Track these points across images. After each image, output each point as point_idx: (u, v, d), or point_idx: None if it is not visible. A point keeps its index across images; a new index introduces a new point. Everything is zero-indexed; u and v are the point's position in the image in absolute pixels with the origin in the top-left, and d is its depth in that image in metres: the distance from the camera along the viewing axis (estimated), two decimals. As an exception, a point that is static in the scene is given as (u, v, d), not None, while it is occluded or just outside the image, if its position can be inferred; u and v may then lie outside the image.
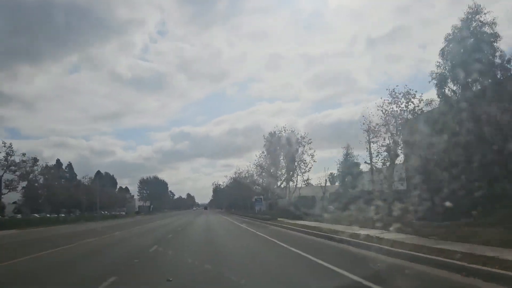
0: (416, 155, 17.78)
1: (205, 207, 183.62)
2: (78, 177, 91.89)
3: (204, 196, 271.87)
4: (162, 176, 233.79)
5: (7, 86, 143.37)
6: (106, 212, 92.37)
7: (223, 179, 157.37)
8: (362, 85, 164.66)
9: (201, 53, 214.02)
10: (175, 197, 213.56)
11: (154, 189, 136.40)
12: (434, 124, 16.55)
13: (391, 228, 13.64)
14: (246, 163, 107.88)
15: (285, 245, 14.04)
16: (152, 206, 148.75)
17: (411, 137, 19.01)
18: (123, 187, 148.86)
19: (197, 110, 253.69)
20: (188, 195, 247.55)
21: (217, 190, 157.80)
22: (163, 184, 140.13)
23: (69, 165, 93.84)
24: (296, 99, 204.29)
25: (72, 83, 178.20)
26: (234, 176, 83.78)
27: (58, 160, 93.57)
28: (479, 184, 14.00)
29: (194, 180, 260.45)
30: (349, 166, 35.47)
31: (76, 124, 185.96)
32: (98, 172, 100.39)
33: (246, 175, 71.77)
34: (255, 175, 65.54)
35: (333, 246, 13.31)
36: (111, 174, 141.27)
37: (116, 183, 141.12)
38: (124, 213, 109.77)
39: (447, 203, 13.13)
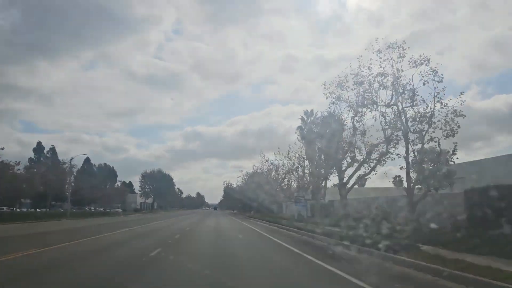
0: None
1: (215, 207, 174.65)
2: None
3: (214, 197, 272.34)
4: (173, 175, 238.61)
5: (24, 80, 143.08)
6: (92, 208, 75.26)
7: (234, 180, 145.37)
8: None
9: (216, 53, 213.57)
10: (184, 195, 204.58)
11: (159, 184, 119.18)
12: None
13: None
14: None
15: None
16: (155, 203, 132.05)
17: None
18: (127, 181, 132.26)
19: (211, 110, 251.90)
20: (198, 194, 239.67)
21: (228, 190, 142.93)
22: (168, 179, 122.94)
23: (52, 149, 77.12)
24: (310, 102, 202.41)
25: (88, 79, 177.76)
26: (253, 171, 66.04)
27: (39, 143, 77.13)
28: None
29: (205, 180, 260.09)
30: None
31: (91, 120, 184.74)
32: (88, 160, 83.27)
33: (271, 167, 53.90)
34: (281, 167, 48.02)
35: None
36: (111, 166, 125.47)
37: (116, 176, 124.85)
38: (119, 210, 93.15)
39: None
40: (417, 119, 16.15)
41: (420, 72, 16.68)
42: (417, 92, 16.68)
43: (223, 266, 9.83)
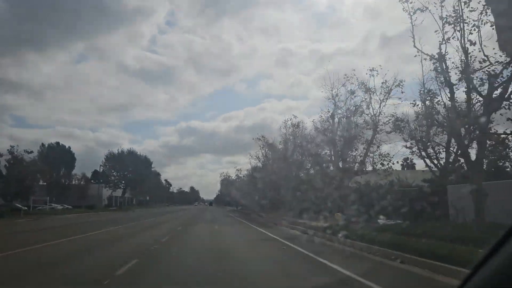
0: None
1: (210, 203, 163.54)
2: None
3: (209, 192, 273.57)
4: (167, 171, 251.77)
5: (14, 74, 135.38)
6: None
7: (232, 173, 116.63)
8: (374, 85, 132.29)
9: (211, 47, 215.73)
10: (175, 189, 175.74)
11: (134, 171, 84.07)
12: None
13: None
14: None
15: None
16: (129, 197, 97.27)
17: None
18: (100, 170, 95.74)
19: (206, 105, 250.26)
20: (192, 188, 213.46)
21: (226, 183, 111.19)
22: (146, 164, 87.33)
23: None
24: (305, 97, 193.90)
25: (79, 72, 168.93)
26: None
27: None
28: None
29: (200, 176, 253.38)
30: None
31: (83, 115, 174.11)
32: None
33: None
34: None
35: None
36: (67, 146, 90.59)
37: (74, 160, 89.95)
38: (56, 206, 58.98)
39: None
40: None
41: None
42: None
43: None
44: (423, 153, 17.67)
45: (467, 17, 12.79)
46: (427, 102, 15.18)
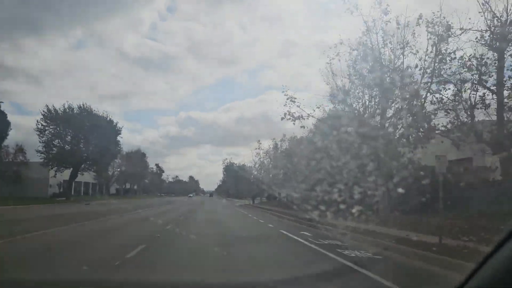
0: None
1: (211, 194, 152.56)
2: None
3: (209, 183, 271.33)
4: (167, 161, 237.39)
5: (11, 59, 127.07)
6: None
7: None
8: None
9: (212, 35, 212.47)
10: (169, 177, 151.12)
11: (91, 140, 52.51)
12: None
13: None
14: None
15: None
16: (94, 182, 66.23)
17: None
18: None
19: (207, 95, 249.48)
20: (191, 178, 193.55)
21: (232, 169, 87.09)
22: (108, 129, 54.34)
23: None
24: (307, 89, 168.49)
25: (77, 58, 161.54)
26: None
27: None
28: None
29: (200, 166, 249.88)
30: None
31: (81, 102, 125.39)
32: None
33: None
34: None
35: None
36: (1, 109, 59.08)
37: (7, 125, 58.02)
38: None
39: None
40: None
41: None
42: None
43: None
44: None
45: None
46: None
